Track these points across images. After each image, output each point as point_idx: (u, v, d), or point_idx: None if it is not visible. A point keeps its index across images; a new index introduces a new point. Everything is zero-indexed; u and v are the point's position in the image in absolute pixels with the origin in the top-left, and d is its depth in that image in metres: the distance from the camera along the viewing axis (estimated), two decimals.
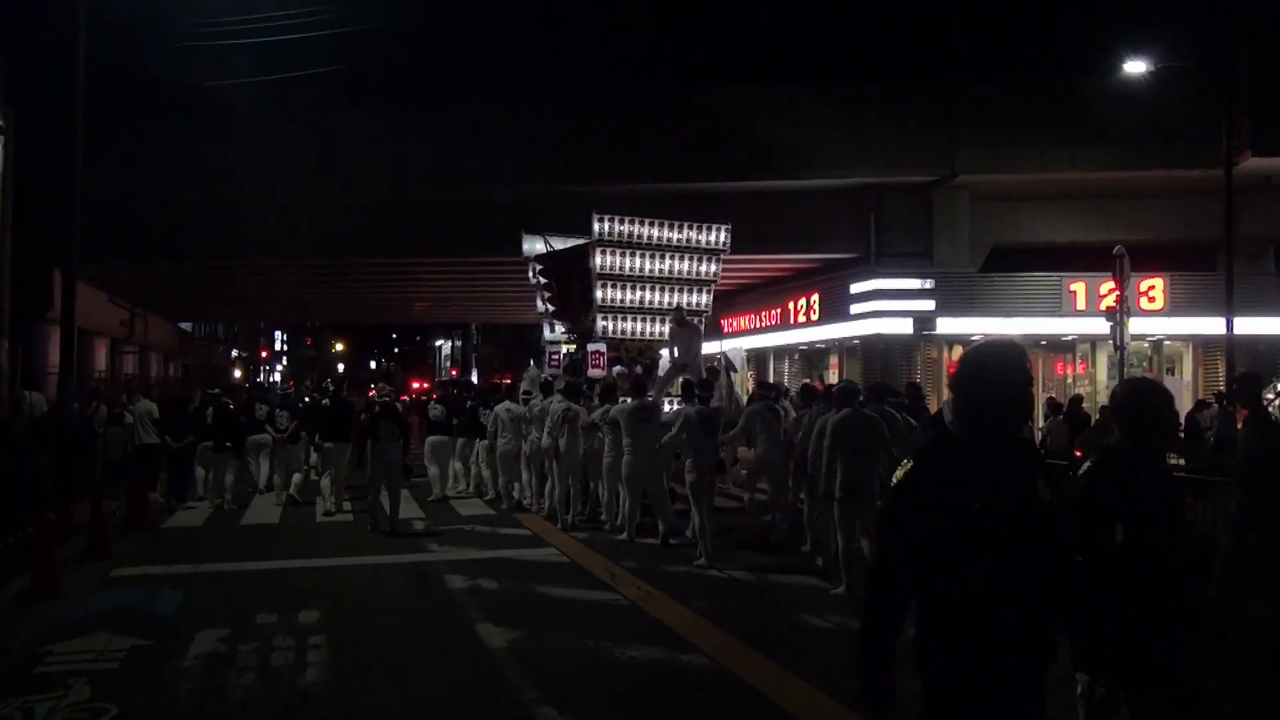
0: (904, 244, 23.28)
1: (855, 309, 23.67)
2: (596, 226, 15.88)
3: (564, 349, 17.73)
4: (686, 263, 16.52)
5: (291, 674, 6.36)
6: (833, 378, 26.70)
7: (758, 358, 30.37)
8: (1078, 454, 11.72)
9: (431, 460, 15.98)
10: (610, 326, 15.99)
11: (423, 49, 76.67)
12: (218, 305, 40.01)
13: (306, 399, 17.71)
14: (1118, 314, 13.79)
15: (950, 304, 22.71)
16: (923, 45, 54.84)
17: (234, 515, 13.55)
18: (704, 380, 12.16)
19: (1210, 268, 22.26)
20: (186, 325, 48.65)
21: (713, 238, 16.81)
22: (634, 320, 16.17)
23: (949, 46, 34.46)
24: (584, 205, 23.04)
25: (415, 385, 57.18)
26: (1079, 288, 22.44)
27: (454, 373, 76.12)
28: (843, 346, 26.10)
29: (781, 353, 30.02)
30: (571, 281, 16.65)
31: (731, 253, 24.80)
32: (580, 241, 16.52)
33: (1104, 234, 20.96)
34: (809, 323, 26.39)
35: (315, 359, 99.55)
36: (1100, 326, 16.43)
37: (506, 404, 14.74)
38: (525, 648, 6.91)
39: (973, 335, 23.76)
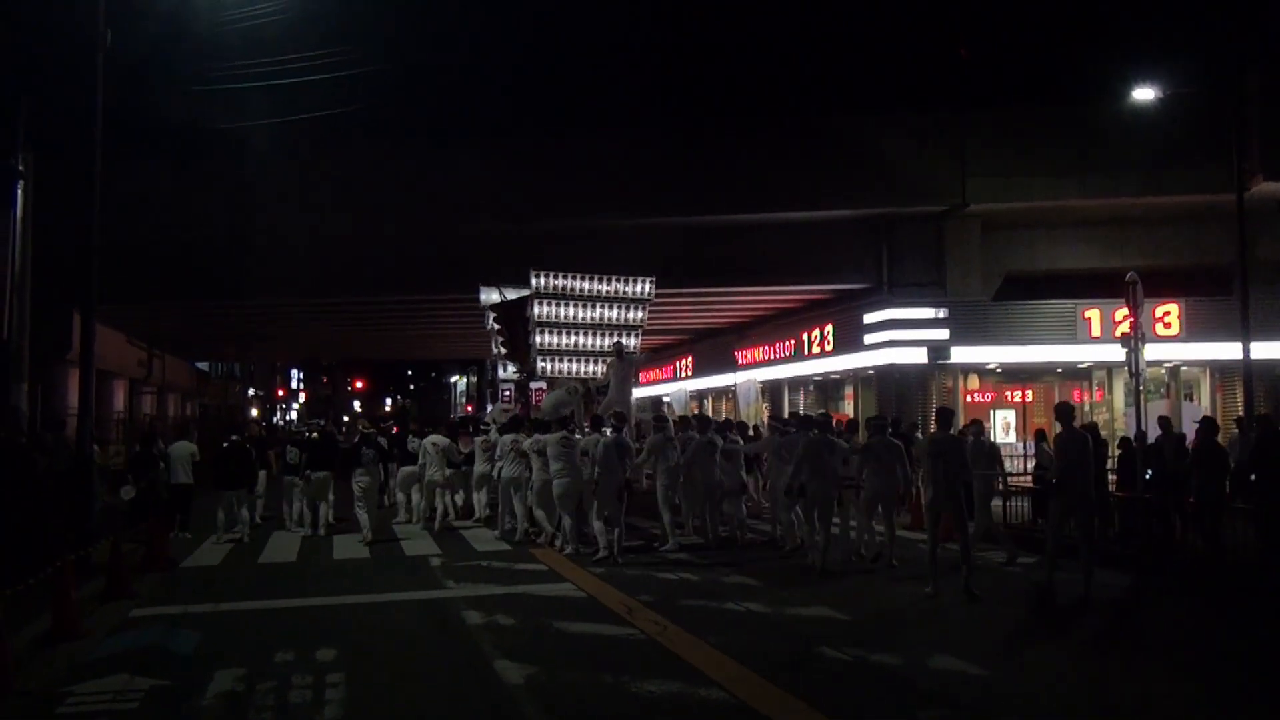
0: (917, 273, 23.30)
1: (869, 339, 23.64)
2: (534, 281, 18.03)
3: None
4: (615, 310, 18.65)
5: (310, 713, 6.35)
6: (848, 408, 26.68)
7: (772, 389, 30.31)
8: None
9: (402, 489, 17.01)
10: (549, 367, 18.31)
11: (436, 86, 77.49)
12: (234, 344, 40.25)
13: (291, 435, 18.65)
14: (1132, 340, 13.70)
15: (965, 333, 22.66)
16: (931, 75, 55.12)
17: (252, 554, 13.57)
18: (619, 414, 14.17)
19: (1226, 292, 22.16)
20: (204, 365, 48.93)
21: (638, 289, 18.81)
22: (570, 361, 18.32)
23: (958, 76, 34.65)
24: (596, 239, 23.27)
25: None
26: (1093, 315, 22.36)
27: (469, 409, 76.08)
28: (858, 377, 26.06)
29: (796, 384, 29.96)
30: (519, 328, 18.89)
31: (744, 284, 25.09)
32: (527, 293, 18.54)
33: (1118, 260, 20.94)
34: (823, 353, 26.35)
35: (331, 397, 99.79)
36: (1116, 353, 16.35)
37: (433, 437, 16.10)
38: (542, 683, 6.88)
39: (988, 364, 23.70)
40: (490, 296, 20.34)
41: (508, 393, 19.63)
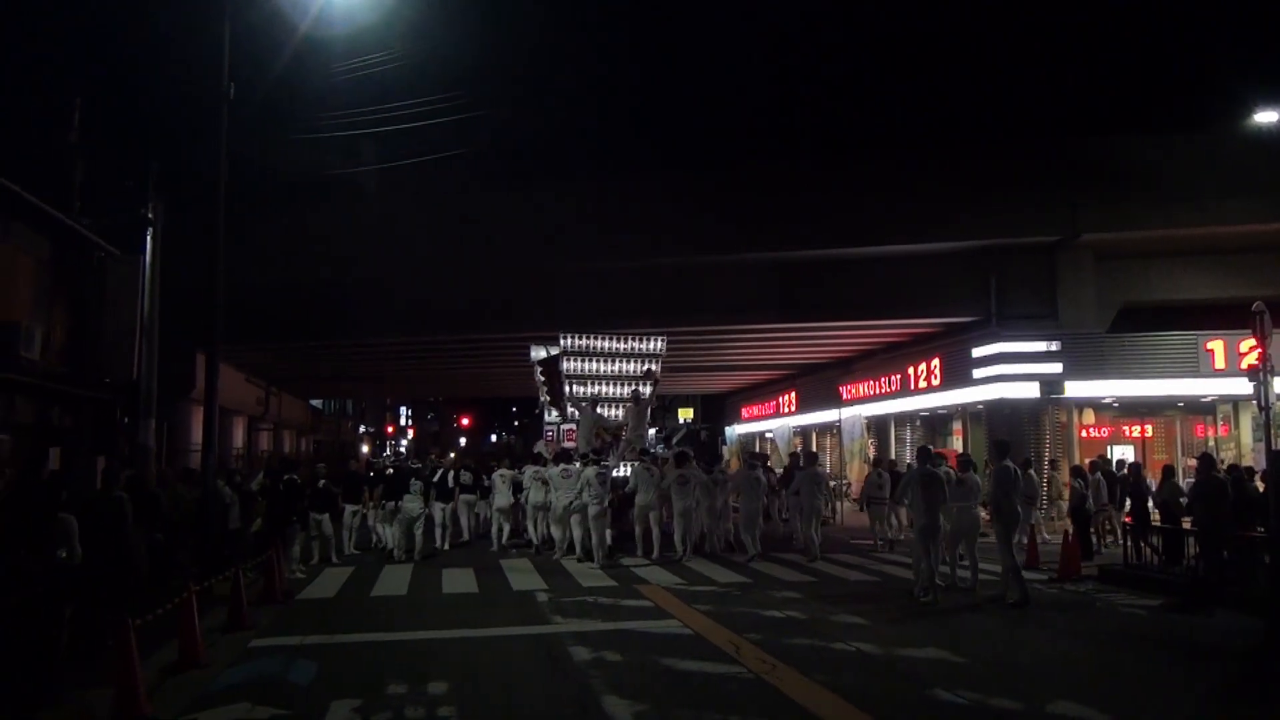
0: (1027, 306, 22.72)
1: (978, 373, 23.12)
2: (563, 341, 21.23)
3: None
4: (632, 364, 21.61)
5: None
6: (957, 444, 26.11)
7: (878, 424, 29.85)
8: None
9: (462, 514, 19.53)
10: (578, 413, 20.76)
11: (541, 128, 79.06)
12: (345, 382, 41.36)
13: (371, 472, 20.80)
14: (1260, 373, 13.10)
15: (1079, 366, 22.01)
16: (1040, 103, 54.09)
17: (364, 587, 13.86)
18: (641, 449, 18.35)
19: None
20: (317, 402, 50.45)
21: (651, 346, 21.72)
22: (596, 408, 20.66)
23: (1068, 104, 33.88)
24: (707, 275, 23.30)
25: None
26: (1216, 346, 21.50)
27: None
28: (966, 412, 25.50)
29: (903, 419, 29.46)
30: (556, 380, 21.87)
31: (847, 319, 24.79)
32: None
33: (1243, 289, 20.02)
34: (930, 388, 25.87)
35: (439, 433, 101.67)
36: (1242, 386, 15.63)
37: (500, 471, 18.99)
38: None
39: (1104, 398, 22.94)
40: (539, 353, 23.51)
41: (550, 433, 22.35)
